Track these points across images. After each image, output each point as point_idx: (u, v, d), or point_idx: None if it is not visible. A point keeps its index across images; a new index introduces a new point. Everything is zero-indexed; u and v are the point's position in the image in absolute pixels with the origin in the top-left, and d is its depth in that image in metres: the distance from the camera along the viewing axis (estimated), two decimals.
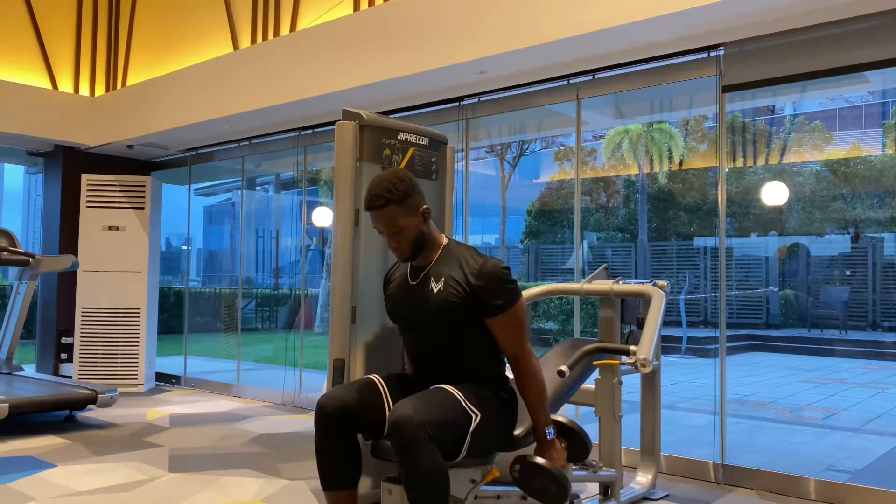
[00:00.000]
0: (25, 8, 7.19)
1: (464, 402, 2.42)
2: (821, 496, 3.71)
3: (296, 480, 3.92)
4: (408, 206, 2.48)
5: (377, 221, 2.51)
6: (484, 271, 2.45)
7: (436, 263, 2.57)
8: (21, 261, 5.91)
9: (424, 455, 2.22)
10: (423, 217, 2.53)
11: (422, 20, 4.70)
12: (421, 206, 2.52)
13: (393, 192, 2.45)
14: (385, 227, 2.50)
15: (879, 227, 15.87)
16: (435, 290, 2.51)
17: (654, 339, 3.03)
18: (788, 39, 3.91)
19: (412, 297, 2.58)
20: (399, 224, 2.48)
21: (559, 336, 12.64)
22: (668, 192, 19.28)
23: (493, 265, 2.46)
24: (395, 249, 2.54)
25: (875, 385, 8.99)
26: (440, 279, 2.51)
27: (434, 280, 2.53)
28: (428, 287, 2.53)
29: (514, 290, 2.47)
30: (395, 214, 2.47)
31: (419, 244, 2.54)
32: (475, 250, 2.58)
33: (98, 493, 3.66)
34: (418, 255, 2.57)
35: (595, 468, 3.23)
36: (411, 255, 2.55)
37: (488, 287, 2.44)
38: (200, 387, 7.29)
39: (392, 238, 2.51)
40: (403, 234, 2.50)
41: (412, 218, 2.50)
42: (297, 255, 19.17)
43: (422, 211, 2.52)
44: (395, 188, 2.46)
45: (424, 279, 2.56)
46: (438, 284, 2.51)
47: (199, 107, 6.16)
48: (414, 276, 2.61)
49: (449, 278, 2.50)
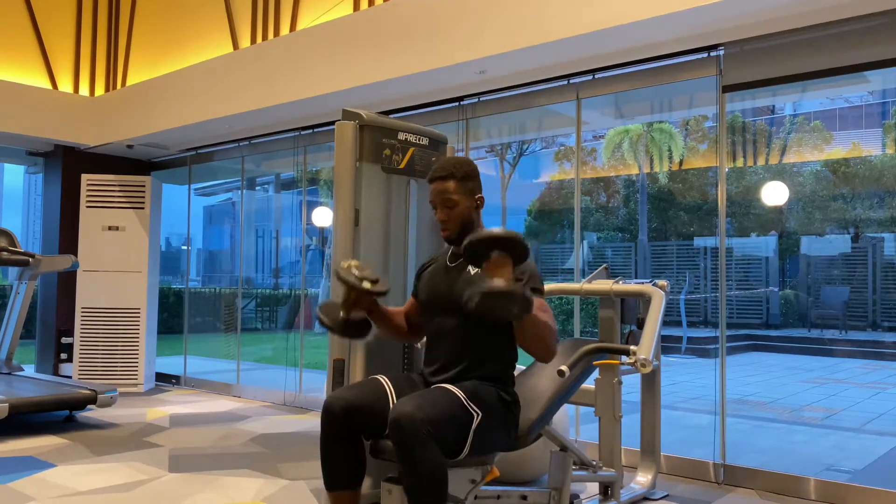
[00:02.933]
0: (25, 8, 7.19)
1: (465, 401, 2.42)
2: (821, 496, 3.71)
3: (296, 480, 3.92)
4: (466, 186, 2.63)
5: (434, 193, 2.64)
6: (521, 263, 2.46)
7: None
8: (21, 261, 5.91)
9: (424, 453, 2.22)
10: (476, 203, 2.65)
11: (422, 20, 4.70)
12: (476, 193, 2.66)
13: (457, 168, 2.62)
14: (440, 198, 2.62)
15: (879, 227, 15.87)
16: (472, 272, 2.59)
17: (654, 339, 3.03)
18: (788, 39, 3.91)
19: (447, 278, 2.66)
20: (453, 198, 2.61)
21: (559, 336, 12.64)
22: (668, 192, 19.27)
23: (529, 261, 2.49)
24: (443, 223, 2.64)
25: (875, 385, 8.99)
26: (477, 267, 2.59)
27: (472, 265, 2.60)
28: (465, 270, 2.62)
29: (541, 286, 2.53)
30: (451, 189, 2.61)
31: (466, 226, 2.63)
32: None
33: (98, 493, 3.66)
34: (462, 237, 2.56)
35: (595, 468, 3.23)
36: (457, 236, 2.63)
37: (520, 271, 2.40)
38: (200, 387, 7.29)
39: (444, 211, 2.62)
40: (454, 211, 2.62)
41: (466, 198, 2.63)
42: (297, 255, 19.16)
43: (476, 197, 2.66)
44: (461, 166, 2.63)
45: (463, 264, 2.65)
46: (475, 270, 2.59)
47: (199, 107, 6.16)
48: (453, 259, 2.71)
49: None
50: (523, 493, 2.78)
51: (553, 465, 3.01)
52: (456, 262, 2.68)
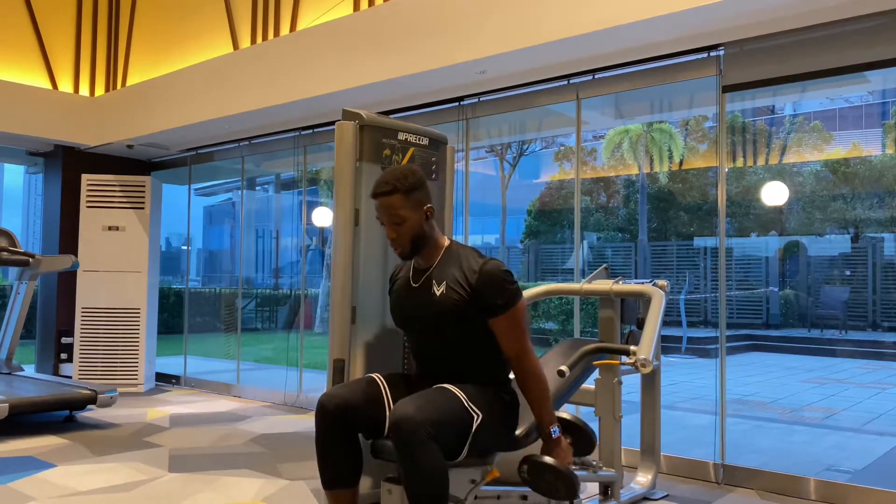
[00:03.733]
0: (25, 8, 7.19)
1: (465, 402, 2.42)
2: (821, 496, 3.71)
3: (296, 480, 3.92)
4: (412, 199, 2.50)
5: (380, 210, 2.53)
6: (484, 272, 2.46)
7: (438, 265, 2.57)
8: (21, 261, 5.91)
9: (425, 454, 2.22)
10: (425, 214, 2.53)
11: (422, 20, 4.70)
12: (425, 204, 2.54)
13: (401, 181, 2.49)
14: (386, 215, 2.52)
15: (879, 227, 15.87)
16: (437, 293, 2.51)
17: (654, 339, 3.03)
18: (788, 39, 3.91)
19: (415, 299, 2.58)
20: (400, 214, 2.49)
21: (559, 336, 12.64)
22: (668, 192, 19.27)
23: (494, 266, 2.47)
24: (393, 241, 2.54)
25: (875, 385, 8.99)
26: (442, 282, 2.52)
27: (436, 283, 2.53)
28: (430, 290, 2.54)
29: (514, 291, 2.47)
30: (397, 204, 2.49)
31: (418, 241, 2.54)
32: (477, 252, 2.58)
33: (98, 493, 3.66)
34: (416, 252, 2.57)
35: (595, 468, 3.23)
36: (409, 252, 2.55)
37: (488, 288, 2.44)
38: (200, 387, 7.29)
39: (392, 228, 2.52)
40: (403, 227, 2.51)
41: (414, 212, 2.51)
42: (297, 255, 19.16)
43: (425, 209, 2.53)
44: (404, 179, 2.50)
45: (427, 282, 2.57)
46: (441, 287, 2.51)
47: (199, 107, 6.16)
48: (416, 278, 2.61)
49: (451, 280, 2.50)
50: (523, 493, 2.78)
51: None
52: (419, 280, 2.60)
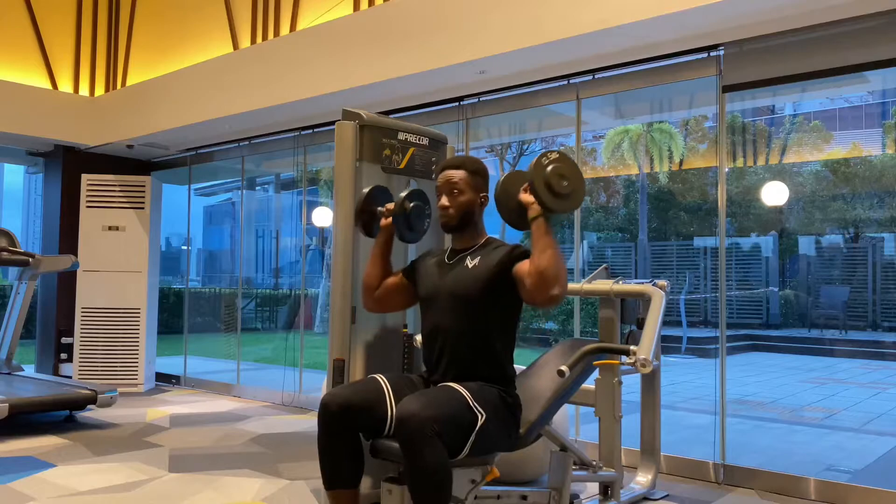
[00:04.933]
0: (25, 8, 7.19)
1: (470, 401, 2.42)
2: (821, 496, 3.71)
3: (296, 480, 3.92)
4: (474, 180, 2.69)
5: (442, 181, 2.69)
6: (518, 250, 2.61)
7: (475, 250, 2.71)
8: (21, 261, 5.91)
9: (429, 451, 2.23)
10: (479, 200, 2.71)
11: (421, 20, 4.70)
12: (483, 192, 2.72)
13: (470, 162, 2.72)
14: (447, 185, 2.67)
15: (879, 227, 15.87)
16: (470, 266, 2.65)
17: (654, 339, 3.03)
18: (788, 39, 3.91)
19: (447, 272, 2.70)
20: (459, 186, 2.66)
21: (559, 336, 12.64)
22: (668, 192, 19.27)
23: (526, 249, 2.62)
24: (444, 208, 2.68)
25: (875, 385, 8.99)
26: (476, 258, 2.67)
27: (471, 259, 2.68)
28: (463, 264, 2.68)
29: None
30: (460, 177, 2.67)
31: (466, 217, 2.69)
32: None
33: (98, 493, 3.66)
34: (461, 228, 2.71)
35: (595, 468, 3.23)
36: (456, 223, 2.69)
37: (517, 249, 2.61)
38: (200, 387, 7.29)
39: (449, 197, 2.67)
40: (458, 198, 2.66)
41: (472, 192, 2.68)
42: (297, 255, 19.16)
43: (481, 195, 2.71)
44: (473, 161, 2.74)
45: (461, 260, 2.71)
46: (474, 261, 2.66)
47: (199, 107, 6.16)
48: (451, 257, 2.75)
49: (485, 258, 2.64)
50: (523, 493, 2.78)
51: (553, 465, 3.00)
52: (454, 258, 2.72)
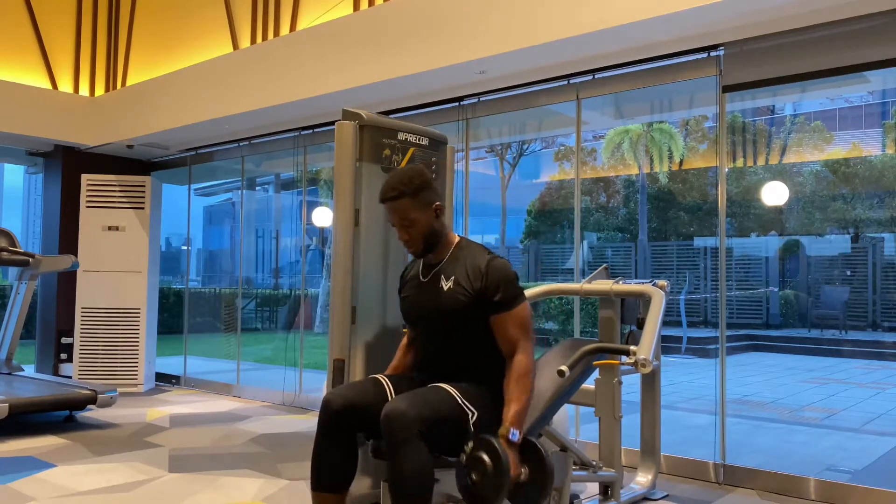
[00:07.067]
0: (25, 8, 7.19)
1: (459, 399, 2.43)
2: (821, 496, 3.71)
3: (296, 480, 3.92)
4: (420, 200, 2.52)
5: (390, 213, 2.56)
6: (490, 268, 2.50)
7: (448, 261, 2.61)
8: (21, 261, 5.91)
9: (411, 452, 2.23)
10: (435, 213, 2.56)
11: (422, 20, 4.70)
12: (434, 202, 2.56)
13: (407, 185, 2.51)
14: (397, 219, 2.54)
15: (879, 227, 15.87)
16: (445, 288, 2.55)
17: (654, 339, 3.03)
18: (788, 39, 3.91)
19: (424, 294, 2.62)
20: (410, 217, 2.52)
21: (559, 336, 12.64)
22: (668, 192, 19.27)
23: (499, 263, 2.52)
24: (406, 242, 2.58)
25: (875, 385, 8.99)
26: (450, 277, 2.56)
27: (444, 278, 2.57)
28: (438, 285, 2.57)
29: (518, 290, 2.51)
30: (407, 207, 2.51)
31: (430, 239, 2.57)
32: (485, 249, 2.62)
33: (98, 493, 3.66)
34: (429, 250, 2.60)
35: (595, 468, 3.23)
36: (422, 250, 2.59)
37: (493, 283, 2.48)
38: (200, 387, 7.29)
39: (403, 231, 2.55)
40: (414, 228, 2.54)
41: (424, 212, 2.53)
42: (297, 255, 19.15)
43: (434, 207, 2.56)
44: (410, 182, 2.51)
45: (435, 277, 2.60)
46: (449, 282, 2.55)
47: (199, 107, 6.16)
48: (425, 273, 2.65)
49: (459, 277, 2.54)
50: None
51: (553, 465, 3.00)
52: (428, 275, 2.63)
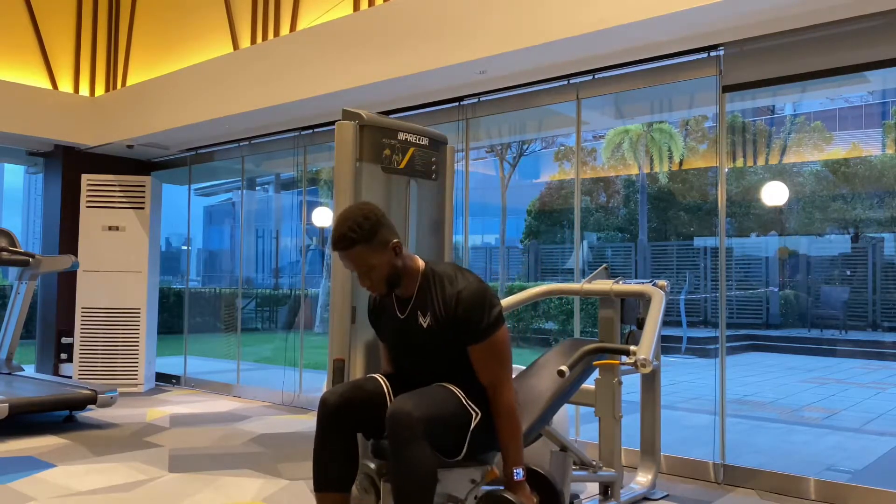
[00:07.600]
0: (25, 8, 7.19)
1: (464, 400, 2.42)
2: (821, 496, 3.71)
3: (296, 480, 3.92)
4: (376, 243, 2.36)
5: (344, 261, 2.40)
6: (459, 300, 2.39)
7: (419, 294, 2.50)
8: (21, 261, 5.91)
9: (415, 452, 2.22)
10: (394, 251, 2.41)
11: (422, 20, 4.70)
12: (391, 241, 2.39)
13: (358, 231, 2.33)
14: (354, 266, 2.39)
15: (879, 227, 15.87)
16: (424, 325, 2.46)
17: (654, 339, 3.03)
18: (788, 39, 3.91)
19: (405, 332, 2.53)
20: (369, 263, 2.37)
21: (559, 336, 12.65)
22: (668, 192, 19.28)
23: (469, 292, 2.39)
24: (368, 288, 2.44)
25: (875, 385, 8.99)
26: (426, 313, 2.46)
27: (421, 314, 2.47)
28: (417, 322, 2.48)
29: (491, 317, 2.39)
30: (363, 254, 2.35)
31: (393, 279, 2.44)
32: (454, 270, 2.49)
33: (98, 493, 3.66)
34: (394, 289, 2.49)
35: (595, 468, 3.23)
36: (387, 292, 2.48)
37: (462, 316, 2.38)
38: (200, 387, 7.29)
39: (364, 277, 2.40)
40: (375, 272, 2.39)
41: (382, 255, 2.38)
42: (297, 255, 19.16)
43: (392, 245, 2.40)
44: (360, 227, 2.34)
45: (412, 313, 2.50)
46: (427, 319, 2.46)
47: (199, 107, 6.16)
48: (402, 309, 2.54)
49: (436, 310, 2.44)
50: None
51: (553, 465, 3.00)
52: (405, 311, 2.53)
